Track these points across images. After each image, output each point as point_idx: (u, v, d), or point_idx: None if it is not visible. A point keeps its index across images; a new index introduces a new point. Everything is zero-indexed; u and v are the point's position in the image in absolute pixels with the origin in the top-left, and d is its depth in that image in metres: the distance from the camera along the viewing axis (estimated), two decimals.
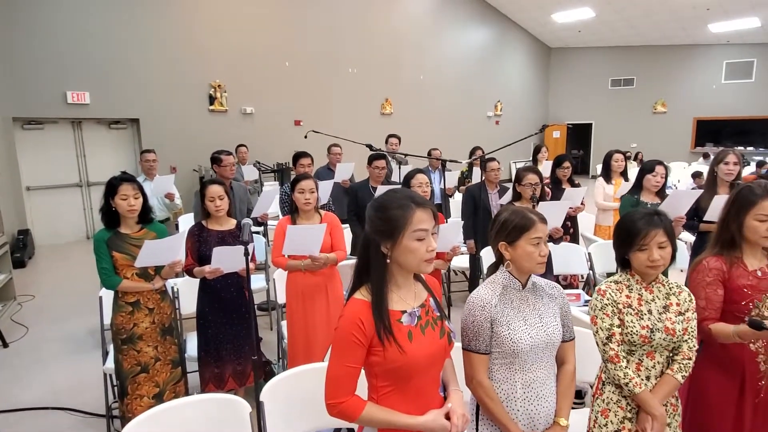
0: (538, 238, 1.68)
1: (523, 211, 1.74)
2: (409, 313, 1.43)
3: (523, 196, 3.26)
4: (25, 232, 7.30)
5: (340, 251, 2.99)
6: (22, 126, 7.84)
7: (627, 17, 13.60)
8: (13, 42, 7.36)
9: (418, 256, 1.38)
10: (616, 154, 4.71)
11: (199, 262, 2.85)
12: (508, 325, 1.66)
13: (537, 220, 1.69)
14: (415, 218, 1.36)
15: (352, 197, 4.43)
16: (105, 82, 8.16)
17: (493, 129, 15.08)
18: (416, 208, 1.37)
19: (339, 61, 11.13)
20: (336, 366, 1.39)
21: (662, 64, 15.37)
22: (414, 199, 1.40)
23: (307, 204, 2.94)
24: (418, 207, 1.38)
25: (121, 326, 2.67)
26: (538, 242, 1.68)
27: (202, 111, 9.35)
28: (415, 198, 1.40)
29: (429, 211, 1.39)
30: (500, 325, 1.66)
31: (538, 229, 1.68)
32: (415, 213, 1.37)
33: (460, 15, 13.55)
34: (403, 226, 1.36)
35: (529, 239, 1.68)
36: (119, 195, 2.60)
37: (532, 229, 1.68)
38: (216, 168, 4.46)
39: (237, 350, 2.94)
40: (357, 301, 1.41)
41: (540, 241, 1.69)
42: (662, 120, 15.66)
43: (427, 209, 1.39)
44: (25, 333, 4.62)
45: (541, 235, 1.68)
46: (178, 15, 8.85)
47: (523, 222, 1.70)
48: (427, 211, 1.39)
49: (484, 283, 1.77)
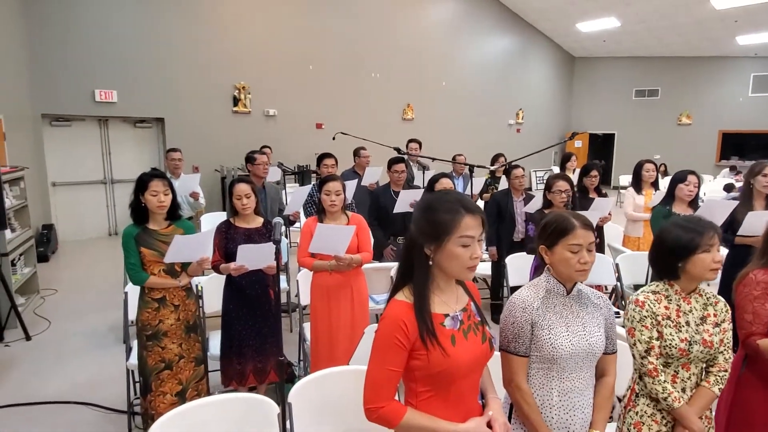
0: (577, 245, 1.61)
1: (566, 215, 1.68)
2: (452, 317, 1.39)
3: (554, 203, 3.20)
4: (50, 227, 7.42)
5: (366, 253, 2.96)
6: (51, 123, 7.99)
7: (653, 28, 13.42)
8: (44, 41, 7.52)
9: (461, 262, 1.34)
10: (647, 163, 4.61)
11: (225, 258, 2.85)
12: (549, 330, 1.61)
13: (578, 226, 1.62)
14: (463, 224, 1.32)
15: (373, 201, 4.40)
16: (132, 82, 8.29)
17: (515, 137, 14.96)
18: (465, 214, 1.33)
19: (362, 66, 11.16)
20: (377, 369, 1.35)
21: (688, 76, 15.12)
22: (464, 203, 1.36)
23: (333, 206, 2.93)
24: (467, 212, 1.34)
25: (146, 322, 2.67)
26: (577, 249, 1.61)
27: (225, 112, 9.44)
28: (465, 203, 1.36)
29: (478, 217, 1.35)
30: (541, 329, 1.62)
31: (577, 235, 1.61)
32: (464, 218, 1.33)
33: (484, 22, 13.51)
34: (450, 230, 1.32)
35: (567, 245, 1.62)
36: (149, 191, 2.60)
37: (570, 235, 1.62)
38: (249, 167, 4.47)
39: (259, 348, 2.93)
40: (399, 302, 1.37)
41: (580, 248, 1.61)
42: (687, 132, 15.40)
43: (477, 216, 1.35)
44: (48, 327, 4.67)
45: (581, 242, 1.61)
46: (204, 17, 8.96)
47: (562, 226, 1.64)
48: (476, 218, 1.35)
49: (528, 284, 1.74)
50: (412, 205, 4.00)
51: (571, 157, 6.35)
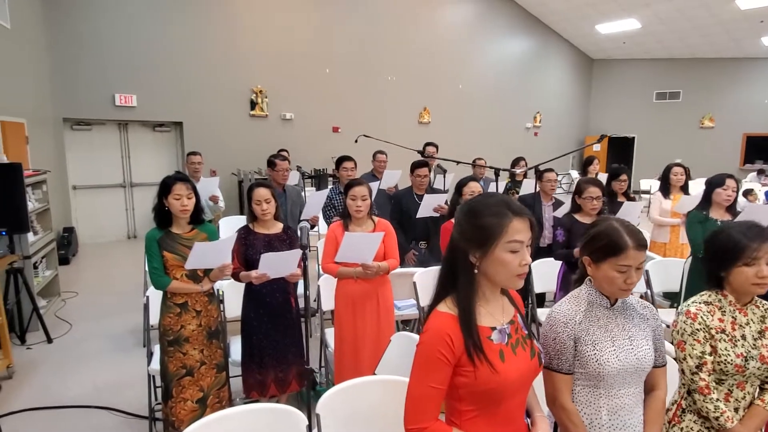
0: (627, 266, 1.48)
1: (620, 230, 1.51)
2: (499, 330, 1.31)
3: (584, 209, 3.10)
4: (70, 230, 7.47)
5: (393, 260, 2.88)
6: (71, 127, 8.08)
7: (674, 29, 13.18)
8: (65, 46, 7.61)
9: (510, 269, 1.25)
10: (675, 167, 4.48)
11: (245, 266, 2.80)
12: (593, 345, 1.51)
13: (631, 246, 1.47)
14: (512, 228, 1.24)
15: (395, 204, 4.33)
16: (151, 86, 8.35)
17: (532, 140, 14.81)
18: (513, 217, 1.25)
19: (378, 69, 11.13)
20: (419, 386, 1.26)
21: (710, 78, 14.81)
22: (511, 206, 1.27)
23: (359, 211, 2.85)
24: (515, 216, 1.25)
25: (168, 327, 2.63)
26: (626, 270, 1.48)
27: (243, 116, 9.46)
28: (512, 205, 1.27)
29: (527, 221, 1.27)
30: (585, 345, 1.51)
31: (629, 257, 1.47)
32: (512, 222, 1.24)
33: (501, 25, 13.40)
34: (497, 235, 1.24)
35: (615, 265, 1.49)
36: (173, 194, 2.56)
37: (621, 256, 1.47)
38: (270, 171, 4.42)
39: (280, 357, 2.86)
40: (442, 314, 1.28)
41: (629, 269, 1.48)
42: (709, 135, 15.08)
43: (525, 219, 1.26)
44: (69, 329, 4.68)
45: (632, 263, 1.47)
46: (222, 22, 9.00)
47: (614, 244, 1.49)
48: (524, 221, 1.26)
49: (567, 296, 1.63)
50: (436, 209, 3.94)
51: (593, 161, 6.22)
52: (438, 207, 3.95)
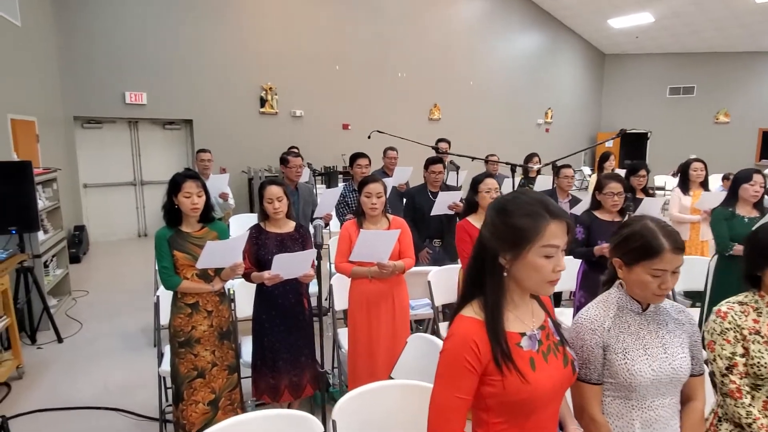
0: (662, 270, 1.37)
1: (657, 232, 1.39)
2: (529, 336, 1.21)
3: (604, 205, 3.00)
4: (81, 228, 7.48)
5: (409, 259, 2.79)
6: (82, 125, 8.08)
7: (688, 22, 12.95)
8: (75, 45, 7.60)
9: (542, 275, 1.16)
10: (695, 162, 4.35)
11: (257, 266, 2.72)
12: (624, 354, 1.40)
13: (668, 249, 1.36)
14: (548, 231, 1.14)
15: (408, 202, 4.26)
16: (161, 84, 8.33)
17: (544, 137, 14.64)
18: (551, 220, 1.15)
19: (388, 66, 11.04)
20: (444, 396, 1.17)
21: (725, 72, 14.55)
22: (548, 207, 1.17)
23: (374, 209, 2.76)
24: (553, 218, 1.15)
25: (179, 328, 2.57)
26: (661, 274, 1.37)
27: (253, 113, 9.42)
28: (549, 206, 1.17)
29: (564, 224, 1.17)
30: (615, 353, 1.41)
31: (665, 260, 1.36)
32: (549, 225, 1.15)
33: (512, 20, 13.25)
34: (532, 238, 1.14)
35: (650, 268, 1.38)
36: (183, 192, 2.50)
37: (657, 259, 1.36)
38: (283, 169, 4.33)
39: (293, 360, 2.78)
40: (468, 319, 1.19)
41: (665, 273, 1.37)
42: (724, 130, 14.82)
43: (563, 222, 1.16)
44: (79, 329, 4.65)
45: (668, 267, 1.36)
46: (232, 19, 8.96)
47: (649, 246, 1.38)
48: (561, 225, 1.16)
49: (595, 301, 1.52)
50: (450, 207, 3.85)
51: (609, 157, 6.09)
52: (453, 204, 3.86)
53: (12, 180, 4.14)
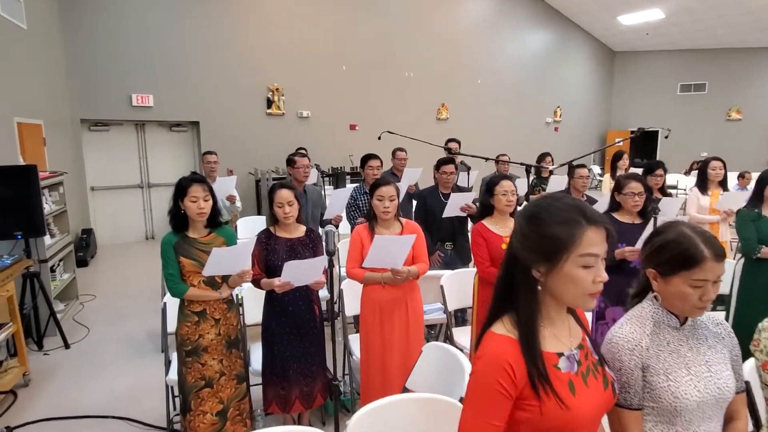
0: (703, 280, 1.26)
1: (695, 239, 1.28)
2: (567, 357, 1.11)
3: (624, 206, 2.88)
4: (89, 232, 7.44)
5: (422, 264, 2.70)
6: (89, 128, 8.05)
7: (700, 19, 12.77)
8: (81, 47, 7.58)
9: (581, 287, 1.06)
10: (713, 161, 4.21)
11: (266, 272, 2.64)
12: (666, 375, 1.28)
13: (709, 257, 1.25)
14: (586, 239, 1.04)
15: (419, 204, 4.16)
16: (168, 86, 8.29)
17: (552, 136, 14.49)
18: (588, 226, 1.05)
19: (395, 65, 10.95)
20: (475, 423, 1.06)
21: (737, 68, 14.33)
22: (585, 212, 1.07)
23: (386, 213, 2.67)
24: (590, 224, 1.05)
25: (186, 337, 2.50)
26: (702, 284, 1.26)
27: (259, 114, 9.36)
28: (586, 212, 1.07)
29: (603, 230, 1.06)
30: (656, 375, 1.29)
31: (706, 270, 1.25)
32: (587, 232, 1.05)
33: (519, 18, 13.12)
34: (568, 247, 1.04)
35: (690, 279, 1.27)
36: (189, 197, 2.42)
37: (697, 269, 1.25)
38: (289, 170, 4.22)
39: (304, 370, 2.70)
40: (500, 337, 1.08)
41: (706, 283, 1.26)
42: (737, 128, 14.60)
43: (601, 228, 1.06)
44: (87, 334, 4.60)
45: (709, 276, 1.25)
46: (238, 20, 8.90)
47: (688, 255, 1.27)
48: (600, 231, 1.06)
49: (627, 316, 1.39)
50: (463, 209, 3.75)
51: (622, 156, 5.95)
52: (465, 206, 3.76)
53: (17, 184, 4.09)
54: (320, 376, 2.77)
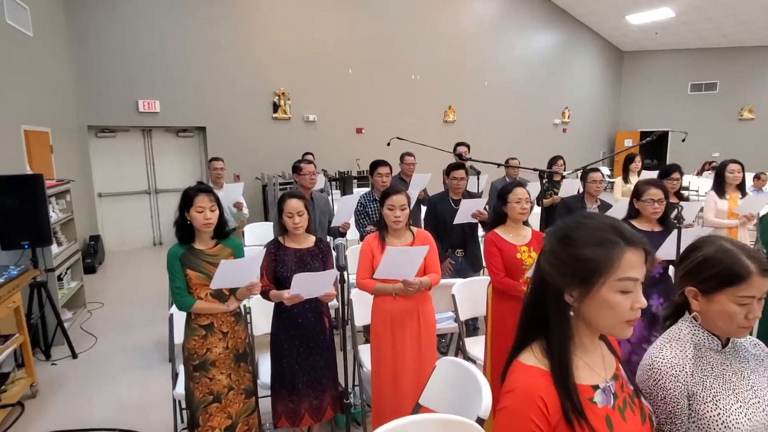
0: (750, 297, 1.18)
1: (738, 253, 1.21)
2: (603, 389, 1.03)
3: (643, 213, 2.79)
4: (96, 238, 7.43)
5: (435, 274, 2.62)
6: (96, 134, 8.04)
7: (711, 17, 12.60)
8: (88, 54, 7.57)
9: (618, 314, 0.98)
10: (731, 164, 4.11)
11: (274, 283, 2.58)
12: (715, 403, 1.19)
13: (755, 272, 1.18)
14: (624, 262, 0.97)
15: (429, 210, 4.08)
16: (174, 91, 8.27)
17: (561, 137, 14.36)
18: (626, 247, 0.98)
19: (402, 68, 10.88)
20: None
21: (749, 67, 14.13)
22: (623, 233, 0.99)
23: (397, 222, 2.60)
24: (629, 246, 0.98)
25: (193, 351, 2.44)
26: (748, 302, 1.19)
27: (266, 119, 9.32)
28: (623, 232, 1.00)
29: (641, 252, 0.99)
30: (703, 402, 1.19)
31: (753, 286, 1.18)
32: (625, 254, 0.97)
33: (526, 19, 13.02)
34: (605, 271, 0.97)
35: (735, 296, 1.19)
36: (195, 207, 2.37)
37: (744, 285, 1.18)
38: (296, 177, 4.14)
39: (314, 383, 2.63)
40: (529, 369, 1.00)
41: (752, 300, 1.19)
42: (749, 127, 14.39)
43: (640, 250, 0.99)
44: (94, 343, 4.56)
45: (755, 293, 1.18)
46: (243, 24, 8.88)
47: (733, 271, 1.20)
48: (639, 253, 0.98)
49: (665, 339, 1.30)
50: (474, 215, 3.68)
51: (635, 158, 5.86)
52: (476, 212, 3.69)
53: (24, 194, 4.06)
54: (330, 388, 2.71)
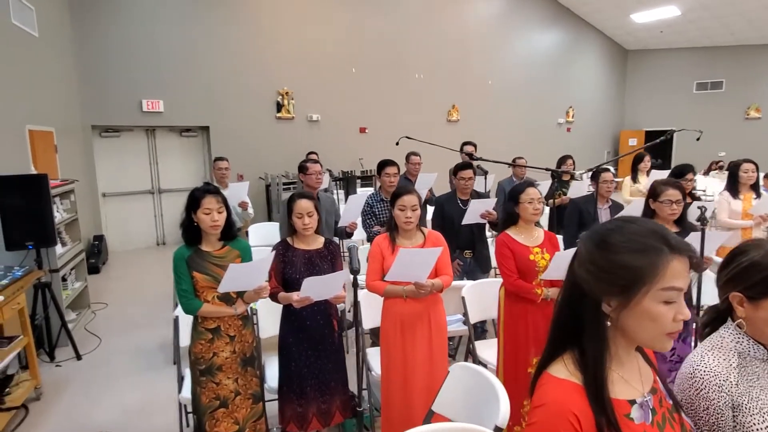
0: None
1: None
2: (640, 404, 0.97)
3: (660, 215, 2.73)
4: (100, 238, 7.40)
5: (446, 276, 2.57)
6: (100, 134, 8.01)
7: (717, 15, 12.51)
8: (92, 54, 7.54)
9: (660, 326, 0.92)
10: (745, 164, 4.05)
11: (283, 284, 2.54)
12: (762, 415, 1.13)
13: None
14: (669, 270, 0.91)
15: (437, 211, 4.03)
16: (178, 91, 8.23)
17: (565, 137, 14.28)
18: (672, 255, 0.92)
19: (405, 67, 10.83)
20: None
21: (756, 66, 14.03)
22: (667, 239, 0.94)
23: (408, 223, 2.55)
24: (674, 253, 0.92)
25: (200, 355, 2.39)
26: None
27: (269, 118, 9.28)
28: (668, 238, 0.94)
29: (687, 260, 0.93)
30: (750, 414, 1.13)
31: None
32: (671, 262, 0.91)
33: (530, 17, 12.95)
34: (649, 280, 0.91)
35: None
36: (202, 209, 2.32)
37: None
38: (302, 177, 4.09)
39: (322, 387, 2.59)
40: (561, 382, 0.95)
41: None
42: (756, 126, 14.30)
43: (685, 258, 0.93)
44: (98, 344, 4.53)
45: None
46: (247, 24, 8.84)
47: None
48: (684, 261, 0.93)
49: (706, 347, 1.24)
50: (483, 215, 3.62)
51: (644, 158, 5.81)
52: (485, 213, 3.63)
53: (28, 194, 4.02)
54: (339, 393, 2.66)
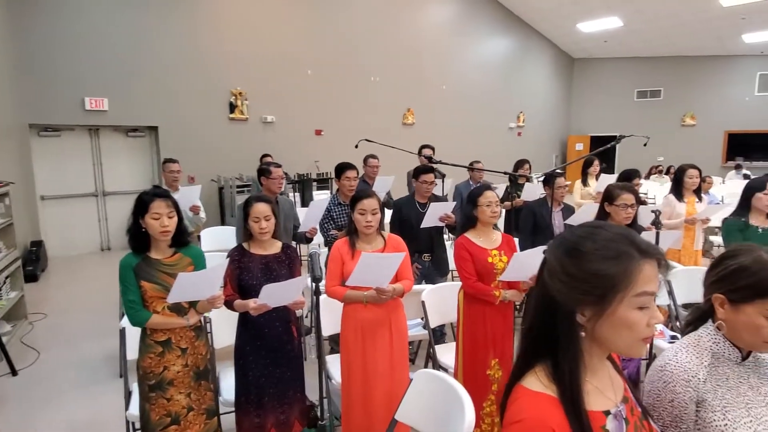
0: None
1: None
2: (614, 414, 0.96)
3: (614, 218, 2.80)
4: (38, 244, 6.96)
5: (407, 281, 2.55)
6: (39, 133, 7.56)
7: (657, 27, 13.17)
8: (30, 47, 7.10)
9: (635, 332, 0.91)
10: (690, 169, 4.23)
11: (239, 291, 2.44)
12: (723, 413, 1.16)
13: None
14: (642, 275, 0.90)
15: (395, 214, 4.01)
16: (124, 89, 7.88)
17: (516, 140, 14.66)
18: (642, 260, 0.91)
19: (361, 70, 10.81)
20: None
21: (692, 75, 14.88)
22: (637, 243, 0.92)
23: (369, 227, 2.51)
24: (644, 257, 0.91)
25: (149, 369, 2.25)
26: None
27: (222, 119, 9.03)
28: (637, 242, 0.93)
29: (656, 263, 0.93)
30: (711, 411, 1.16)
31: None
32: (642, 267, 0.90)
33: (482, 24, 13.22)
34: (623, 287, 0.89)
35: (766, 310, 1.17)
36: (151, 213, 2.18)
37: None
38: (264, 180, 3.99)
39: (280, 396, 2.50)
40: (536, 395, 0.92)
41: None
42: (691, 133, 15.14)
43: (654, 261, 0.92)
44: (37, 358, 4.23)
45: None
46: (198, 22, 8.57)
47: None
48: (654, 265, 0.92)
49: (683, 344, 1.26)
50: (441, 219, 3.63)
51: (593, 162, 6.01)
52: (444, 216, 3.64)
53: None
54: (298, 401, 2.59)
